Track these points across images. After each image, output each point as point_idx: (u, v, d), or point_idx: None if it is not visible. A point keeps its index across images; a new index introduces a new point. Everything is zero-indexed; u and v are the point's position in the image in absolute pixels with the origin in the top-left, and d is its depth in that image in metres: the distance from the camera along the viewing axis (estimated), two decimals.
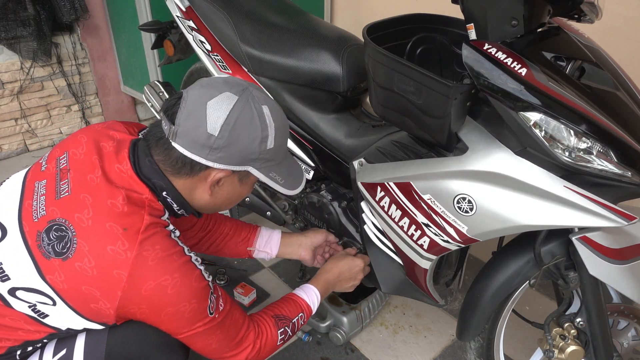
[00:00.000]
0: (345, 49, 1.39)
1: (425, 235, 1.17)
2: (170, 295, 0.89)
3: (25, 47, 2.57)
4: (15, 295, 0.90)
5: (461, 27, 1.19)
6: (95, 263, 0.85)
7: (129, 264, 0.85)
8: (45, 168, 0.99)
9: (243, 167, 0.95)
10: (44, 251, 0.87)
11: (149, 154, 0.95)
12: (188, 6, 1.63)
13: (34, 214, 0.90)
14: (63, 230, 0.87)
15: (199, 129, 0.88)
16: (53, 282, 0.87)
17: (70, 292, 0.87)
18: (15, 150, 2.82)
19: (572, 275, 1.07)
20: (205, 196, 0.99)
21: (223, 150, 0.90)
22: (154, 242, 0.89)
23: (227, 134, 0.89)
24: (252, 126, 0.91)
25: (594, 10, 0.95)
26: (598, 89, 0.92)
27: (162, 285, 0.88)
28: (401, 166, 1.18)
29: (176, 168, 0.94)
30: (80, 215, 0.87)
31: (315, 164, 1.53)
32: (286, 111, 1.52)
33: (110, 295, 0.87)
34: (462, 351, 1.62)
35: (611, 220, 0.91)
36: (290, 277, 1.93)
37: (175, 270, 0.90)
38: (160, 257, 0.88)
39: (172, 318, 0.92)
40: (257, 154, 0.94)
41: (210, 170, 0.94)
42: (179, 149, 0.91)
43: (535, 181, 0.95)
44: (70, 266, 0.86)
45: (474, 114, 1.04)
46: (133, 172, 0.93)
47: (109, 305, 0.88)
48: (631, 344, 1.21)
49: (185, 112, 0.89)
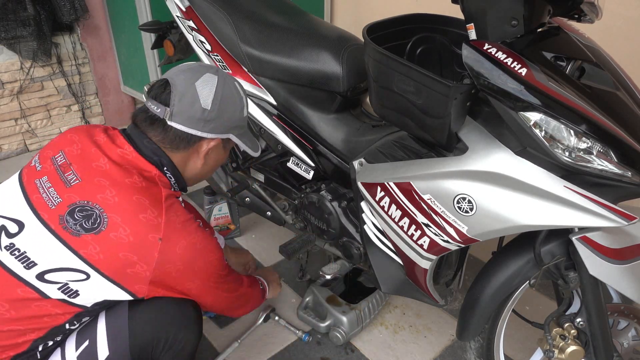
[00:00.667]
0: (345, 49, 1.39)
1: (425, 235, 1.17)
2: (200, 249, 1.03)
3: (25, 47, 2.57)
4: (44, 279, 0.95)
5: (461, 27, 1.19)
6: (130, 230, 0.95)
7: (162, 228, 0.97)
8: (41, 167, 1.03)
9: (227, 134, 1.13)
10: (71, 230, 0.94)
11: (145, 136, 1.06)
12: (188, 6, 1.63)
13: (49, 204, 0.96)
14: (88, 210, 0.95)
15: (194, 106, 1.03)
16: (88, 255, 0.94)
17: (107, 261, 0.95)
18: (15, 150, 2.82)
19: (572, 275, 1.07)
20: (198, 165, 1.13)
21: (215, 121, 1.07)
22: (175, 209, 1.02)
23: (217, 107, 1.05)
24: (235, 97, 1.10)
25: (594, 10, 0.95)
26: (598, 89, 0.92)
27: (191, 242, 1.01)
28: (401, 166, 1.18)
29: (174, 144, 1.07)
30: (103, 195, 0.96)
31: (315, 164, 1.53)
32: (286, 111, 1.53)
33: (148, 257, 0.96)
34: (462, 351, 1.62)
35: (611, 220, 0.91)
36: (290, 277, 1.92)
37: (197, 230, 1.04)
38: (184, 220, 1.02)
39: (203, 269, 1.06)
40: (237, 121, 1.12)
41: (203, 142, 1.09)
42: (176, 127, 1.04)
43: (535, 181, 0.95)
44: (105, 237, 0.94)
45: (474, 114, 1.04)
46: (137, 153, 1.04)
47: (145, 268, 0.96)
48: (631, 344, 1.21)
49: (178, 94, 1.03)
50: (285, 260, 1.97)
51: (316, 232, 1.57)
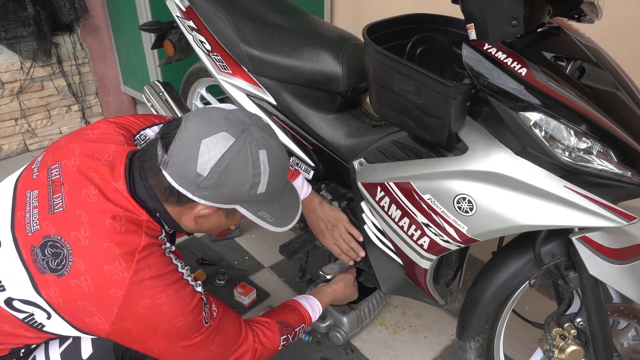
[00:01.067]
0: (345, 49, 1.39)
1: (425, 235, 1.17)
2: (166, 312, 0.91)
3: (25, 47, 2.57)
4: (12, 306, 0.90)
5: (461, 27, 1.19)
6: (91, 281, 0.86)
7: (126, 284, 0.87)
8: (37, 176, 0.98)
9: (230, 206, 0.96)
10: (38, 266, 0.87)
11: (144, 176, 0.95)
12: (188, 6, 1.63)
13: (27, 227, 0.90)
14: (58, 247, 0.87)
15: (189, 166, 0.88)
16: (48, 297, 0.88)
17: (66, 306, 0.88)
18: (15, 150, 2.82)
19: (572, 275, 1.07)
20: (191, 225, 1.01)
21: (210, 190, 0.90)
22: (149, 262, 0.90)
23: (216, 177, 0.89)
24: (244, 171, 0.90)
25: (594, 10, 0.94)
26: (598, 89, 0.92)
27: (157, 303, 0.89)
28: (401, 166, 1.18)
29: (165, 195, 0.94)
30: (77, 234, 0.88)
31: (315, 164, 1.53)
32: (286, 111, 1.52)
33: (107, 311, 0.88)
34: (462, 351, 1.62)
35: (611, 220, 0.91)
36: (290, 277, 1.92)
37: (169, 287, 0.91)
38: (155, 275, 0.90)
39: (169, 333, 0.93)
40: (245, 197, 0.94)
41: (196, 204, 0.94)
42: (168, 179, 0.91)
43: (535, 181, 0.95)
44: (66, 283, 0.86)
45: (474, 114, 1.04)
46: (129, 193, 0.93)
47: (104, 320, 0.88)
48: (631, 344, 1.21)
49: (180, 144, 0.89)
50: (285, 260, 1.97)
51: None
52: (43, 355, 0.99)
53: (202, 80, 1.98)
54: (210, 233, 1.32)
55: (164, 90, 1.89)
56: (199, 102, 2.05)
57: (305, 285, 1.86)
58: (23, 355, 0.99)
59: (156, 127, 1.18)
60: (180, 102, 1.87)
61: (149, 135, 1.14)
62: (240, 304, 1.77)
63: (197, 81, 2.00)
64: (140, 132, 1.14)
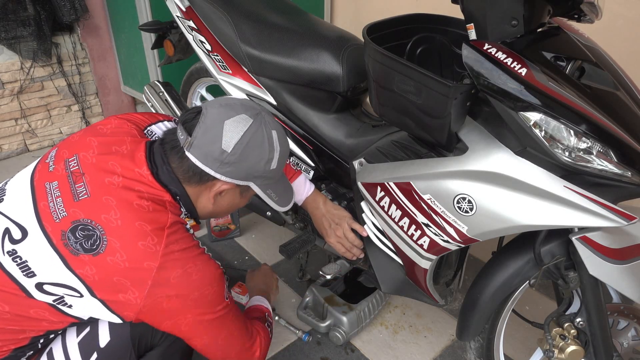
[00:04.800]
0: (345, 49, 1.39)
1: (425, 235, 1.17)
2: (195, 280, 0.98)
3: (25, 47, 2.57)
4: (43, 289, 0.95)
5: (461, 27, 1.19)
6: (127, 257, 0.93)
7: (159, 256, 0.94)
8: (54, 169, 1.02)
9: (246, 182, 1.07)
10: (71, 249, 0.93)
11: (167, 161, 1.03)
12: (188, 6, 1.63)
13: (53, 215, 0.95)
14: (89, 229, 0.93)
15: (214, 144, 0.98)
16: (84, 276, 0.93)
17: (101, 283, 0.94)
18: (15, 150, 2.82)
19: (572, 275, 1.07)
20: (208, 204, 1.09)
21: (232, 165, 1.01)
22: (177, 237, 0.98)
23: (239, 152, 0.99)
24: (261, 148, 1.02)
25: (594, 10, 0.95)
26: (598, 89, 0.92)
27: (187, 272, 0.97)
28: (401, 166, 1.18)
29: (187, 176, 1.03)
30: (107, 216, 0.94)
31: (315, 164, 1.53)
32: (286, 111, 1.53)
33: (141, 284, 0.94)
34: (462, 351, 1.62)
35: (611, 220, 0.91)
36: (290, 277, 1.93)
37: (197, 258, 1.00)
38: (184, 248, 0.98)
39: (198, 302, 1.00)
40: (260, 172, 1.05)
41: (216, 182, 1.04)
42: (192, 159, 1.00)
43: (535, 181, 0.95)
44: (102, 260, 0.92)
45: (474, 114, 1.04)
46: (152, 177, 1.00)
47: (137, 295, 0.94)
48: (631, 344, 1.21)
49: (204, 126, 0.99)
50: (285, 260, 1.97)
51: (316, 232, 1.57)
52: (60, 346, 1.03)
53: (202, 80, 1.98)
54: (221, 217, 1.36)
55: (164, 90, 1.89)
56: (198, 102, 2.05)
57: (305, 285, 1.86)
58: (41, 347, 1.03)
59: (161, 123, 1.23)
60: (180, 102, 1.87)
61: (155, 131, 1.20)
62: (238, 303, 1.78)
63: (197, 81, 2.00)
64: (147, 127, 1.19)
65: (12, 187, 1.04)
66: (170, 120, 1.27)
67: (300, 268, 1.90)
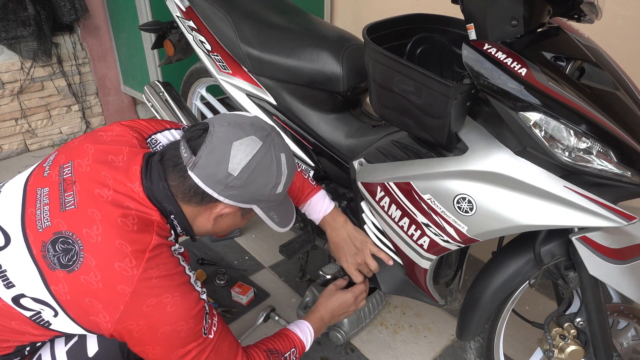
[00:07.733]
0: (345, 49, 1.39)
1: (425, 235, 1.17)
2: (169, 313, 0.91)
3: (26, 47, 2.57)
4: (20, 304, 0.90)
5: (461, 27, 1.19)
6: (101, 277, 0.87)
7: (134, 281, 0.88)
8: (48, 174, 0.99)
9: (249, 205, 1.01)
10: (49, 262, 0.88)
11: (164, 178, 0.97)
12: (188, 6, 1.64)
13: (38, 224, 0.91)
14: (69, 243, 0.89)
15: (220, 166, 0.93)
16: (57, 293, 0.88)
17: (73, 303, 0.89)
18: (15, 150, 2.82)
19: (572, 275, 1.07)
20: (207, 224, 1.04)
21: (237, 189, 0.95)
22: (159, 261, 0.92)
23: (245, 176, 0.94)
24: (268, 172, 0.97)
25: (594, 10, 0.95)
26: (598, 89, 0.92)
27: (162, 302, 0.91)
28: (401, 166, 1.18)
29: (187, 196, 0.97)
30: (89, 231, 0.89)
31: (315, 164, 1.53)
32: (286, 111, 1.53)
33: (112, 308, 0.88)
34: (462, 351, 1.62)
35: (611, 220, 0.91)
36: (290, 277, 1.93)
37: (176, 289, 0.93)
38: (163, 275, 0.91)
39: (168, 337, 0.93)
40: (266, 197, 1.00)
41: (218, 204, 0.99)
42: (194, 179, 0.95)
43: (535, 181, 0.95)
44: (75, 279, 0.87)
45: (474, 114, 1.04)
46: (144, 194, 0.95)
47: (108, 319, 0.89)
48: (631, 344, 1.21)
49: (210, 146, 0.93)
50: (285, 260, 1.97)
51: (316, 232, 1.57)
52: (49, 354, 1.00)
53: (202, 80, 1.98)
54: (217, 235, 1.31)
55: (164, 90, 1.89)
56: (199, 102, 2.05)
57: (305, 285, 1.86)
58: (28, 354, 1.00)
59: (167, 132, 1.18)
60: (180, 102, 1.87)
61: (159, 140, 1.15)
62: (238, 303, 1.78)
63: (197, 81, 2.00)
64: (152, 136, 1.15)
65: (6, 190, 1.01)
66: (178, 127, 1.22)
67: (300, 268, 1.90)
